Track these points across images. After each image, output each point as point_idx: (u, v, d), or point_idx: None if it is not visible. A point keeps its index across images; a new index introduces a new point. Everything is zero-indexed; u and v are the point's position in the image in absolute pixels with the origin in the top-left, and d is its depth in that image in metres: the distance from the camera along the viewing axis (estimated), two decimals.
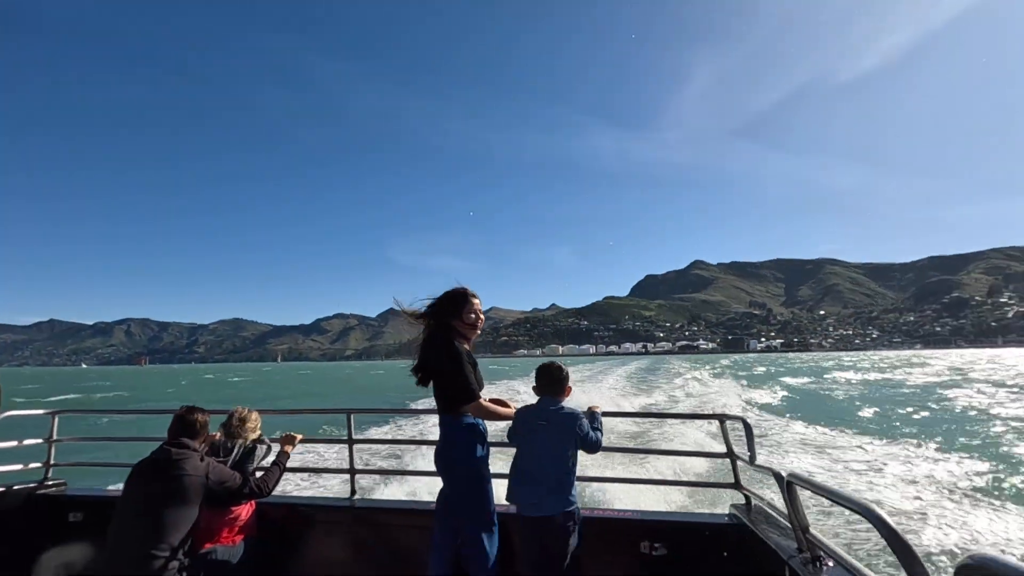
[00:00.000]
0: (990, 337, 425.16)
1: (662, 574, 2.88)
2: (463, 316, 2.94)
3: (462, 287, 3.00)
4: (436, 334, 2.92)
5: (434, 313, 2.97)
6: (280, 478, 3.12)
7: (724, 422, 3.28)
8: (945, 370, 52.62)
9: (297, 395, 45.61)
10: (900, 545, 1.28)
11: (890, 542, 1.31)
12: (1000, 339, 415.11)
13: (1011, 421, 16.94)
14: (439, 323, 2.94)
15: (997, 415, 18.58)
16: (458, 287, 3.00)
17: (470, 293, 3.00)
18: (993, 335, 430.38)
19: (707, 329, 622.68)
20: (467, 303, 2.96)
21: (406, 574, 3.02)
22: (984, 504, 7.88)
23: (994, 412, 19.40)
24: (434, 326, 2.95)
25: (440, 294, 3.03)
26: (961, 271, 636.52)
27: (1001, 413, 18.99)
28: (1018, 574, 0.84)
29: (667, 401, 25.12)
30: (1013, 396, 25.20)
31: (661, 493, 6.88)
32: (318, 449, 10.61)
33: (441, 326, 2.93)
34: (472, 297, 2.98)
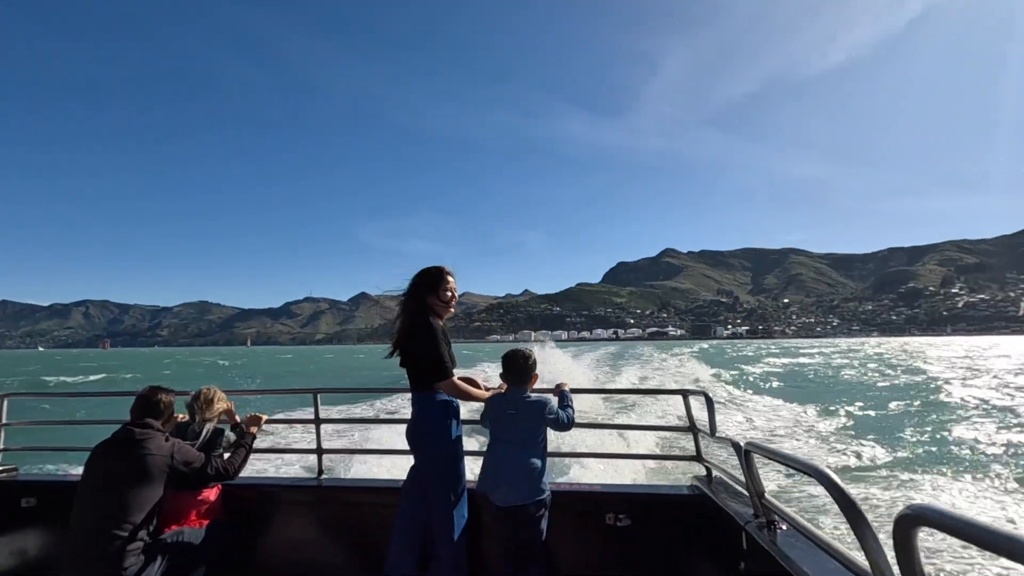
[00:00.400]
0: (941, 326, 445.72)
1: (626, 543, 2.98)
2: (439, 293, 2.94)
3: (438, 265, 3.01)
4: (412, 312, 2.91)
5: (411, 291, 2.97)
6: (246, 460, 3.10)
7: (687, 397, 3.39)
8: (900, 352, 55.87)
9: (308, 374, 44.77)
10: (846, 501, 1.35)
11: (837, 499, 1.38)
12: (949, 327, 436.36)
13: (952, 398, 18.71)
14: (415, 301, 2.94)
15: (941, 393, 20.41)
16: (433, 265, 3.01)
17: (446, 270, 3.00)
18: (944, 324, 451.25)
19: (676, 316, 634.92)
20: (443, 280, 2.96)
21: (375, 551, 3.02)
22: (924, 466, 8.75)
23: (939, 390, 21.30)
24: (410, 304, 2.94)
25: (416, 272, 3.02)
26: (918, 262, 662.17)
27: (944, 391, 20.85)
28: (947, 518, 0.92)
29: (636, 381, 25.83)
30: (954, 376, 27.68)
31: (628, 467, 7.15)
32: (285, 430, 10.61)
33: (417, 304, 2.92)
34: (447, 274, 2.99)
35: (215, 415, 3.15)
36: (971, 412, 15.11)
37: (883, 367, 37.92)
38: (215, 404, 3.16)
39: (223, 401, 3.22)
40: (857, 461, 9.11)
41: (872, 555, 1.26)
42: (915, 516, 1.00)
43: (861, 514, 1.31)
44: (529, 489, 2.76)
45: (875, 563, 1.26)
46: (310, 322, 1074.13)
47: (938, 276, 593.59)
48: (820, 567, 1.69)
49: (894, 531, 1.06)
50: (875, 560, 1.25)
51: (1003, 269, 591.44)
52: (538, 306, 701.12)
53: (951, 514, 0.92)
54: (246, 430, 3.23)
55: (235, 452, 3.05)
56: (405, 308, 2.97)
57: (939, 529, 0.94)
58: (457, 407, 2.93)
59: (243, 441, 3.15)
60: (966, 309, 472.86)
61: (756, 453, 2.15)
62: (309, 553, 3.26)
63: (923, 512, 0.98)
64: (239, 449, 3.08)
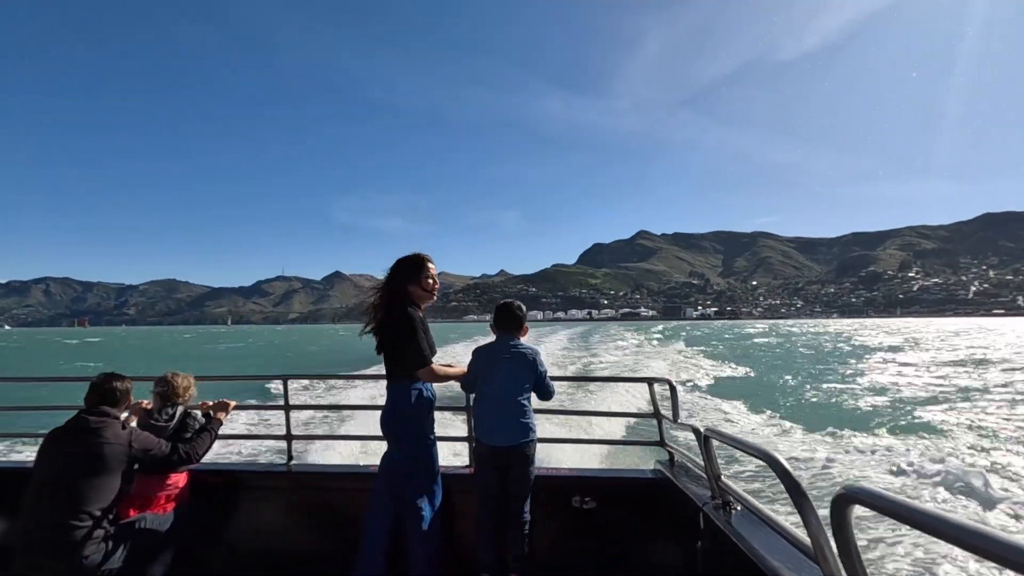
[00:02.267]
0: (901, 308, 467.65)
1: (592, 525, 3.11)
2: (421, 282, 2.94)
3: (418, 253, 2.99)
4: (392, 300, 2.90)
5: (390, 279, 2.95)
6: (211, 444, 3.06)
7: (652, 384, 3.54)
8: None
9: (321, 352, 44.65)
10: (791, 483, 1.48)
11: (784, 481, 1.51)
12: (899, 310, 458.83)
13: (889, 381, 20.02)
14: (395, 290, 2.92)
15: (877, 376, 21.77)
16: (414, 253, 3.00)
17: (427, 258, 2.98)
18: (900, 306, 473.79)
19: (649, 297, 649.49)
20: (424, 268, 2.95)
21: (345, 537, 3.03)
22: (863, 448, 9.36)
23: (874, 373, 22.69)
24: (390, 293, 2.93)
25: (395, 259, 3.00)
26: (879, 247, 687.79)
27: (880, 374, 22.27)
28: (876, 497, 1.04)
29: (605, 364, 26.58)
30: (889, 360, 29.25)
31: (595, 452, 7.43)
32: (255, 415, 10.56)
33: (398, 293, 2.91)
34: (428, 262, 2.98)
35: (184, 401, 3.11)
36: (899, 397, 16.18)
37: (809, 348, 41.93)
38: (182, 390, 3.10)
39: (190, 387, 3.17)
40: (805, 444, 9.83)
41: (813, 532, 1.38)
42: (849, 496, 1.12)
43: (805, 495, 1.43)
44: (521, 430, 2.87)
45: (815, 539, 1.37)
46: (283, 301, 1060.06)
47: (897, 260, 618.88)
48: (769, 544, 1.83)
49: (831, 510, 1.18)
50: (815, 536, 1.37)
51: (957, 254, 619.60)
52: (514, 287, 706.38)
53: (880, 494, 1.04)
54: (213, 415, 3.20)
55: (200, 437, 3.01)
56: (384, 296, 2.93)
57: (870, 508, 1.06)
58: (432, 394, 2.95)
59: (209, 426, 3.11)
60: (921, 292, 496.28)
61: (714, 438, 2.27)
62: (278, 538, 3.28)
63: (856, 492, 1.10)
64: (204, 433, 3.05)
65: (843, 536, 1.19)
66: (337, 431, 9.13)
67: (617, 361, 27.58)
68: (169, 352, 57.85)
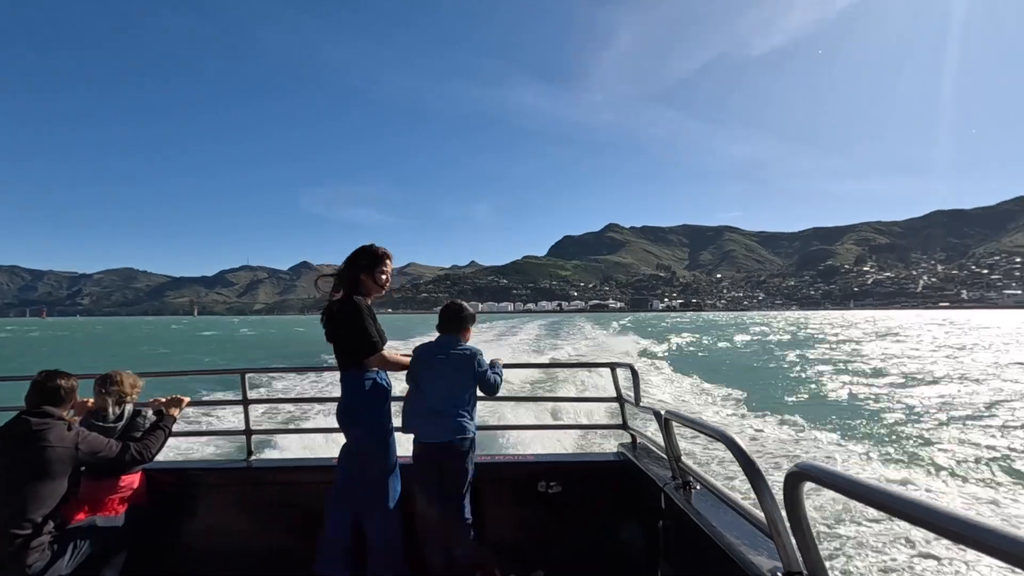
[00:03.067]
0: (853, 301, 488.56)
1: (557, 508, 3.18)
2: (375, 273, 2.94)
3: (381, 247, 3.01)
4: (341, 288, 2.93)
5: (345, 266, 2.96)
6: (164, 442, 2.95)
7: (615, 370, 3.67)
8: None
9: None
10: (747, 462, 1.54)
11: (740, 460, 1.57)
12: (852, 302, 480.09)
13: (834, 365, 21.71)
14: (347, 277, 2.93)
15: (825, 363, 23.60)
16: (377, 245, 3.01)
17: (388, 254, 3.01)
18: (854, 299, 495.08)
19: (617, 289, 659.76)
20: (382, 262, 2.97)
21: (307, 531, 3.01)
22: (814, 428, 9.99)
23: (822, 360, 24.62)
24: (342, 280, 2.95)
25: (355, 248, 3.00)
26: (837, 241, 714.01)
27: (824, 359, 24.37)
28: (826, 474, 1.10)
29: (572, 351, 27.15)
30: (834, 347, 31.74)
31: (561, 437, 7.59)
32: (212, 412, 10.32)
33: (349, 281, 2.92)
34: (388, 258, 3.00)
35: (131, 399, 3.01)
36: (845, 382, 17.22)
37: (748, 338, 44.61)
38: (128, 388, 2.98)
39: (137, 385, 3.05)
40: (759, 425, 10.34)
41: (767, 509, 1.44)
42: (800, 473, 1.17)
43: (759, 473, 1.49)
44: (455, 426, 2.85)
45: (769, 515, 1.43)
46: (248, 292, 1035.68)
47: (853, 255, 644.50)
48: (726, 521, 1.93)
49: (784, 487, 1.23)
50: (770, 513, 1.43)
51: (909, 250, 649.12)
52: (485, 278, 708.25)
53: (829, 470, 1.09)
54: (166, 412, 3.09)
55: (153, 434, 2.90)
56: (336, 286, 2.96)
57: (820, 484, 1.11)
58: (388, 384, 2.95)
59: (162, 423, 3.00)
60: (874, 286, 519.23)
61: (674, 421, 2.34)
62: (239, 535, 3.24)
63: (806, 469, 1.15)
64: (157, 431, 2.93)
65: (795, 511, 1.24)
66: (300, 425, 9.06)
67: (583, 349, 28.55)
68: (165, 340, 55.86)
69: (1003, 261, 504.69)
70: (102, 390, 2.93)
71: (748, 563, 1.61)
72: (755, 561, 1.60)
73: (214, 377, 15.54)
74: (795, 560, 1.38)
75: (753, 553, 1.65)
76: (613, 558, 3.09)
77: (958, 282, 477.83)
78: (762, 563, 1.58)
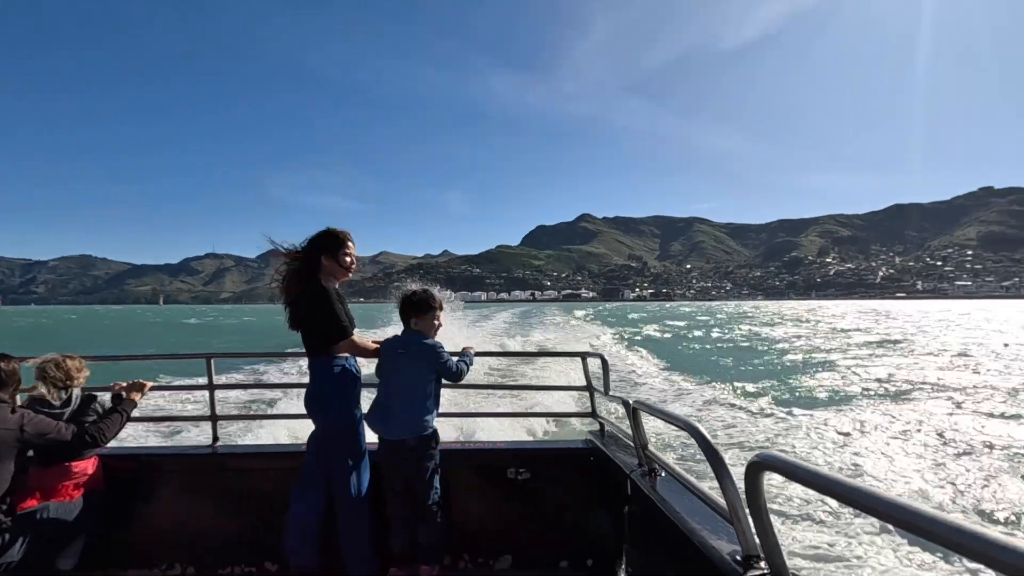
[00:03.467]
0: (815, 291, 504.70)
1: (526, 495, 3.23)
2: (339, 257, 2.88)
3: (339, 228, 2.95)
4: (304, 273, 2.85)
5: (306, 251, 2.88)
6: (121, 426, 2.86)
7: (585, 359, 3.74)
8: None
9: None
10: (710, 450, 1.59)
11: (703, 449, 1.62)
12: (814, 292, 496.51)
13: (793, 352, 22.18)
14: (309, 262, 2.86)
15: (782, 350, 24.16)
16: (334, 227, 2.95)
17: (347, 235, 2.95)
18: (816, 289, 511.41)
19: (590, 279, 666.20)
20: (344, 244, 2.91)
21: (275, 518, 2.95)
22: (776, 416, 10.05)
23: (779, 347, 25.24)
24: (303, 265, 2.87)
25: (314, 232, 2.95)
26: (802, 233, 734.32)
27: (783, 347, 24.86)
28: (785, 464, 1.14)
29: (543, 340, 27.43)
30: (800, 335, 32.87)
31: (533, 425, 7.70)
32: (176, 397, 10.04)
33: (311, 265, 2.85)
34: (349, 240, 2.94)
35: (78, 383, 2.90)
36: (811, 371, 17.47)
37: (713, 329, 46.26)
38: (75, 371, 2.88)
39: (83, 370, 2.93)
40: (728, 415, 10.38)
41: (729, 496, 1.50)
42: (760, 463, 1.22)
43: (722, 461, 1.55)
44: (414, 424, 2.86)
45: (731, 502, 1.50)
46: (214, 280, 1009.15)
47: (817, 247, 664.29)
48: (690, 507, 1.98)
49: (745, 475, 1.29)
50: (731, 500, 1.49)
51: (869, 242, 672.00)
52: (458, 267, 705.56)
53: (788, 460, 1.14)
54: (126, 396, 2.99)
55: (109, 418, 2.80)
56: (297, 269, 2.87)
57: (779, 473, 1.16)
58: (357, 370, 2.92)
59: (120, 407, 2.90)
60: (836, 277, 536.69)
61: (641, 409, 2.39)
62: (204, 523, 3.19)
63: (766, 459, 1.21)
64: (114, 415, 2.83)
65: (755, 499, 1.30)
66: (268, 411, 8.90)
67: (553, 338, 28.98)
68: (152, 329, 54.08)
69: (955, 254, 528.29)
70: (45, 375, 2.82)
71: (709, 547, 1.66)
72: (715, 545, 1.66)
73: (180, 362, 14.19)
74: (753, 544, 1.45)
75: (714, 538, 1.71)
76: (580, 543, 3.14)
77: (914, 273, 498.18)
78: (722, 547, 1.63)
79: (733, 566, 1.52)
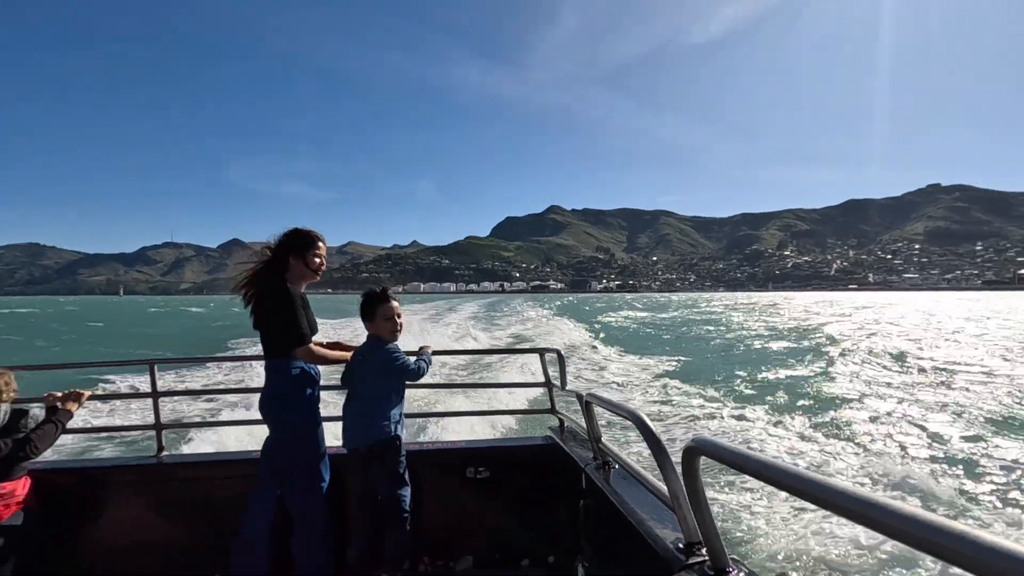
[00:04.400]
0: (773, 283, 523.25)
1: (485, 493, 3.23)
2: (307, 258, 2.82)
3: (313, 231, 2.88)
4: (270, 273, 2.79)
5: (275, 250, 2.82)
6: (55, 438, 2.69)
7: (543, 355, 3.72)
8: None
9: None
10: (653, 440, 1.64)
11: (646, 438, 1.67)
12: (770, 284, 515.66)
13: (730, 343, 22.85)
14: (276, 262, 2.80)
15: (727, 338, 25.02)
16: (305, 228, 2.88)
17: (320, 237, 2.89)
18: (774, 281, 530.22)
19: (558, 270, 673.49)
20: (315, 245, 2.85)
21: (227, 529, 2.85)
22: (710, 403, 10.37)
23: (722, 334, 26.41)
24: (270, 265, 2.81)
25: (284, 231, 2.87)
26: (763, 227, 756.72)
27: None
28: (717, 448, 1.18)
29: (507, 336, 27.31)
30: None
31: (495, 423, 7.70)
32: (117, 406, 9.35)
33: (278, 265, 2.80)
34: (320, 241, 2.89)
35: (4, 400, 2.68)
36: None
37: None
38: (3, 384, 2.67)
39: (11, 384, 2.72)
40: (670, 402, 10.77)
41: (670, 483, 1.54)
42: (695, 448, 1.26)
43: (664, 450, 1.59)
44: (376, 429, 2.83)
45: (672, 488, 1.54)
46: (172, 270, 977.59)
47: (776, 240, 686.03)
48: (638, 498, 2.08)
49: (682, 460, 1.32)
50: (673, 487, 1.53)
51: (826, 235, 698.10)
52: (427, 258, 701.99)
53: (721, 445, 1.17)
54: (62, 407, 2.80)
55: (42, 428, 2.62)
56: (263, 268, 2.81)
57: (712, 458, 1.19)
58: (315, 373, 2.86)
59: (54, 417, 2.72)
60: (793, 269, 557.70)
61: (594, 403, 2.43)
62: (151, 536, 3.06)
63: (700, 444, 1.24)
64: (48, 425, 2.66)
65: (692, 483, 1.33)
66: (215, 418, 8.59)
67: (520, 331, 29.01)
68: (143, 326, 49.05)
69: (904, 248, 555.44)
70: None
71: (654, 536, 1.73)
72: (660, 534, 1.73)
73: (121, 369, 13.39)
74: (694, 530, 1.49)
75: (659, 527, 1.78)
76: (540, 540, 3.17)
77: (866, 266, 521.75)
78: (666, 535, 1.70)
79: (676, 554, 1.56)
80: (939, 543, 0.62)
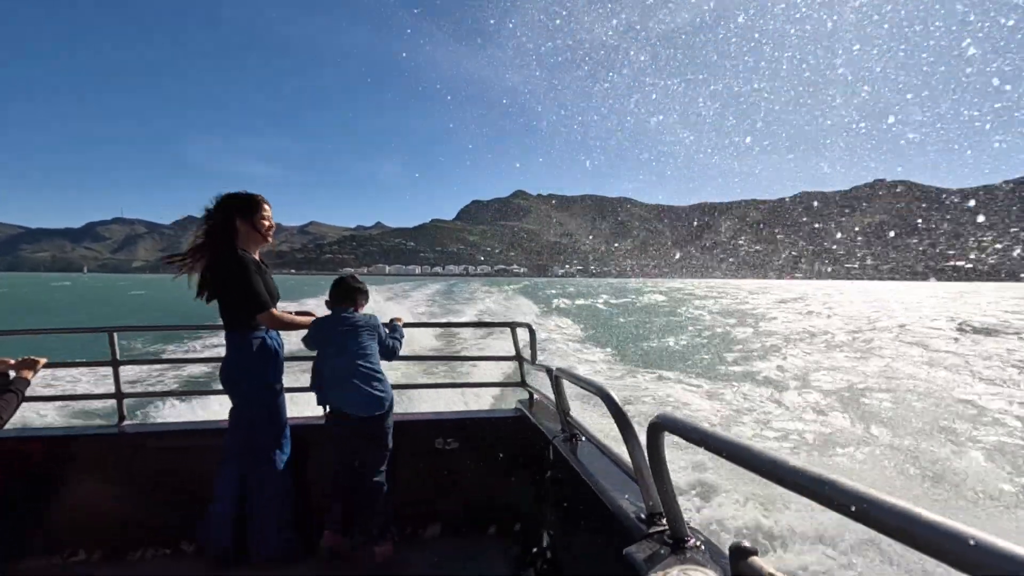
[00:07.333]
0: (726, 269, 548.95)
1: (454, 464, 3.29)
2: (255, 220, 2.67)
3: (251, 192, 2.72)
4: (218, 241, 2.63)
5: (218, 216, 2.64)
6: (16, 408, 2.57)
7: (514, 329, 3.75)
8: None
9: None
10: (619, 414, 1.68)
11: (612, 413, 1.71)
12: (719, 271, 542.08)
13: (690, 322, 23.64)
14: (223, 228, 2.64)
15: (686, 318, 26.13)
16: (246, 191, 2.73)
17: (262, 199, 2.76)
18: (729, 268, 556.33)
19: (523, 255, 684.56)
20: (261, 207, 2.72)
21: (193, 499, 2.85)
22: (676, 381, 10.55)
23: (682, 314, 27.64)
24: (217, 232, 2.64)
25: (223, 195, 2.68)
26: (720, 216, 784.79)
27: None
28: (679, 424, 1.21)
29: (476, 314, 27.24)
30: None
31: (467, 396, 7.68)
32: (76, 375, 8.83)
33: (226, 232, 2.64)
34: (265, 203, 2.78)
35: None
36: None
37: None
38: None
39: None
40: (638, 379, 10.68)
41: (635, 456, 1.61)
42: (659, 424, 1.30)
43: (629, 425, 1.65)
44: (377, 400, 2.85)
45: (636, 462, 1.60)
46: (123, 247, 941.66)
47: (732, 229, 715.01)
48: (603, 470, 2.13)
49: (647, 435, 1.37)
50: (637, 460, 1.59)
51: (776, 226, 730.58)
52: (392, 240, 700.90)
53: (683, 421, 1.21)
54: (17, 375, 2.67)
55: (3, 398, 2.50)
56: (209, 236, 2.64)
57: (675, 433, 1.22)
58: (276, 343, 2.81)
59: (12, 386, 2.58)
60: (746, 257, 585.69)
61: (563, 377, 2.45)
62: (110, 505, 3.01)
63: (664, 420, 1.28)
64: (7, 394, 2.53)
65: (656, 457, 1.38)
66: (178, 387, 8.52)
67: (489, 311, 29.21)
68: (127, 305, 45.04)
69: (847, 239, 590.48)
70: None
71: (617, 507, 1.80)
72: (622, 505, 1.80)
73: (80, 337, 14.29)
74: (656, 502, 1.55)
75: (622, 498, 1.85)
76: (507, 509, 3.23)
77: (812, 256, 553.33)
78: (629, 506, 1.77)
79: (637, 524, 1.64)
80: (868, 513, 0.68)
